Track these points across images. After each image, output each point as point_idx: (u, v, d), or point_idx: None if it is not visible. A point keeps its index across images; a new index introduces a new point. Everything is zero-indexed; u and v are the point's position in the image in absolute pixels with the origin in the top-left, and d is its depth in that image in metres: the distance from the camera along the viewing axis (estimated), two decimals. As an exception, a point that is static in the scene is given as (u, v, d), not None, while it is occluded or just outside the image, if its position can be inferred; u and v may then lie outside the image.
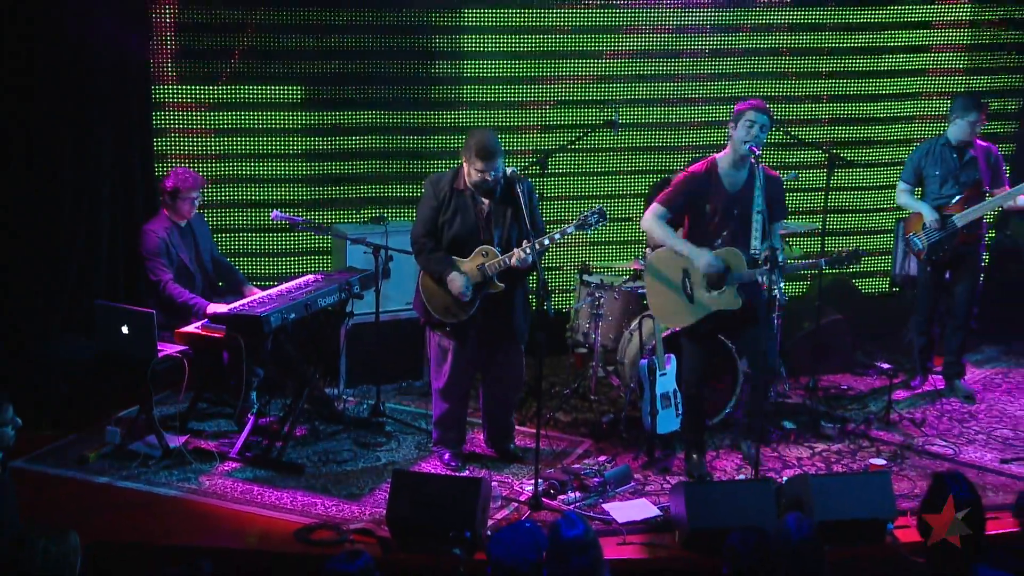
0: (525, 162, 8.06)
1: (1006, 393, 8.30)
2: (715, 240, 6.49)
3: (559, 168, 8.78)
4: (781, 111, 8.97)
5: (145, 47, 8.05)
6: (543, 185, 7.81)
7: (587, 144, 8.72)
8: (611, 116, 8.32)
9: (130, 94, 8.05)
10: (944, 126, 8.17)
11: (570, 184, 8.99)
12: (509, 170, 6.56)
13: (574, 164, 9.00)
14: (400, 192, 8.71)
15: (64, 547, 4.08)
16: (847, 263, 6.77)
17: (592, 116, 8.78)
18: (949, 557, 4.06)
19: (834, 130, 9.42)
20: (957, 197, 7.75)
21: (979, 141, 7.90)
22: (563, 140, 8.63)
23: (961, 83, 9.42)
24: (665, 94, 9.11)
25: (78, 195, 7.86)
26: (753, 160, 6.37)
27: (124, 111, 8.02)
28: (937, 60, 9.46)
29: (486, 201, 6.60)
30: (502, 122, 8.78)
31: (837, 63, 9.32)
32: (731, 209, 6.46)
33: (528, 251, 6.42)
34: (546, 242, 6.54)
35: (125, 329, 6.76)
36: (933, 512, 4.15)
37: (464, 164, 6.55)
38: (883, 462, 6.95)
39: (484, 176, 6.46)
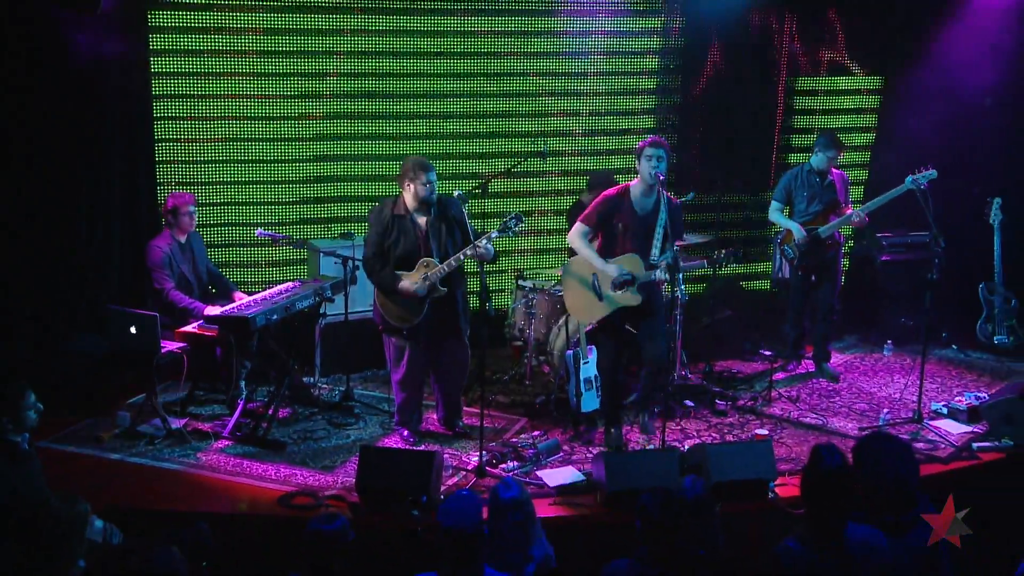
0: (470, 185, 8.07)
1: (863, 374, 8.41)
2: (622, 251, 6.55)
3: (498, 190, 8.81)
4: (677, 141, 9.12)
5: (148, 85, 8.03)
6: (484, 204, 7.84)
7: (521, 170, 8.77)
8: (541, 147, 8.39)
9: (136, 126, 7.99)
10: (807, 156, 8.30)
11: (508, 203, 9.02)
12: (456, 194, 6.61)
13: (511, 186, 9.04)
14: (364, 212, 8.69)
15: (74, 512, 4.03)
16: (728, 262, 6.89)
17: (525, 146, 8.86)
18: (825, 515, 4.08)
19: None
20: (821, 213, 7.94)
21: (834, 169, 8.06)
22: (501, 166, 8.67)
23: (823, 122, 9.58)
24: (584, 127, 9.20)
25: (92, 218, 7.81)
26: (660, 187, 6.45)
27: (131, 145, 7.97)
28: (803, 102, 9.66)
29: (423, 220, 6.60)
30: (451, 151, 8.81)
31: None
32: (639, 228, 6.51)
33: (461, 256, 6.47)
34: (479, 247, 6.48)
35: (133, 329, 6.69)
36: (809, 476, 4.16)
37: (407, 187, 6.53)
38: (766, 432, 7.01)
39: (429, 188, 6.46)
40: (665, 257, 6.45)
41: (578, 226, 6.66)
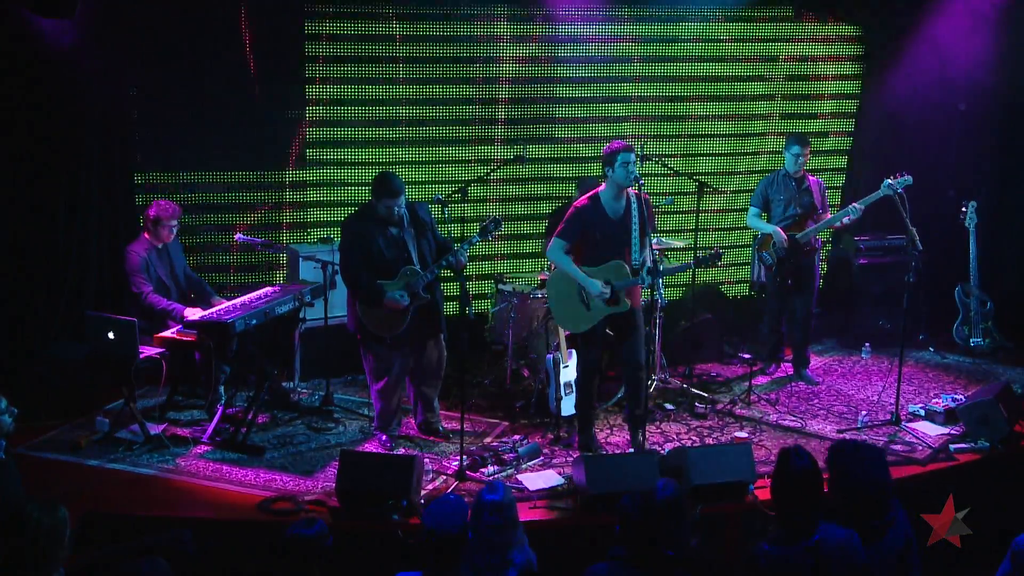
0: (449, 190, 8.06)
1: (841, 377, 8.45)
2: (604, 257, 6.55)
3: (477, 196, 8.82)
4: (660, 147, 9.15)
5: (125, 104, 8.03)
6: (463, 210, 7.83)
7: (500, 175, 8.78)
8: (519, 152, 8.40)
9: (113, 137, 7.96)
10: (781, 159, 8.34)
11: (487, 209, 9.02)
12: (437, 198, 6.65)
13: (490, 192, 9.04)
14: (343, 217, 8.67)
15: (55, 519, 4.00)
16: (711, 263, 6.90)
17: (504, 152, 8.86)
18: (794, 515, 4.11)
19: (702, 163, 9.56)
20: (798, 217, 7.99)
21: (810, 176, 8.11)
22: (480, 172, 8.67)
23: (801, 126, 9.63)
24: (565, 134, 9.21)
25: (71, 222, 7.77)
26: (636, 190, 6.47)
27: (108, 149, 7.94)
28: (783, 106, 9.69)
29: (397, 229, 6.60)
30: (426, 158, 8.81)
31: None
32: (615, 232, 6.52)
33: (443, 263, 6.53)
34: (465, 246, 6.58)
35: (111, 334, 6.66)
36: (777, 477, 4.19)
37: (374, 202, 6.55)
38: (745, 435, 7.04)
39: (391, 211, 6.48)
40: (646, 256, 6.47)
41: (555, 241, 6.62)
